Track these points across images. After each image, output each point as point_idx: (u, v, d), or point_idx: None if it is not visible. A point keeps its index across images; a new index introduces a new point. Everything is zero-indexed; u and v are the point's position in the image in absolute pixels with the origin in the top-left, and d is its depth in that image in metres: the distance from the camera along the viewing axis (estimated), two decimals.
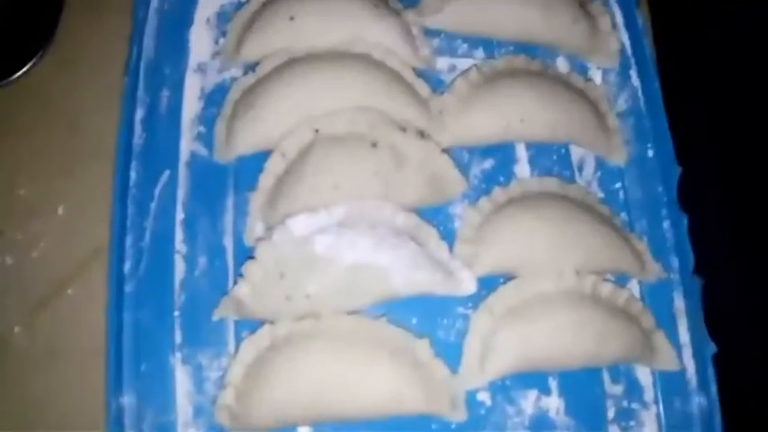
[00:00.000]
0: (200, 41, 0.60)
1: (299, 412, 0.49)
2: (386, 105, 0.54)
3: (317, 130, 0.53)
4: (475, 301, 0.53)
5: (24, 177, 0.57)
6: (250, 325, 0.51)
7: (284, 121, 0.54)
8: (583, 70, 0.62)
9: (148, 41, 0.58)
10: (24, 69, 0.59)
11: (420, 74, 0.58)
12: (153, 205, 0.55)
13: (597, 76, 0.62)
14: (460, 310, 0.54)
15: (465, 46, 0.62)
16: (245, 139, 0.55)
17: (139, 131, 0.56)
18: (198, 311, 0.52)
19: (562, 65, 0.62)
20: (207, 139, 0.57)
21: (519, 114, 0.56)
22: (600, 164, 0.60)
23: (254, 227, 0.54)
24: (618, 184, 0.59)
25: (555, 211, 0.54)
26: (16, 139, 0.58)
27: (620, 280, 0.55)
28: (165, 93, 0.58)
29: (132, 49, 0.58)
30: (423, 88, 0.57)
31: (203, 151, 0.57)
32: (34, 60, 0.59)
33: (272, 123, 0.54)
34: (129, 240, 0.53)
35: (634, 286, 0.56)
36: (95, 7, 0.62)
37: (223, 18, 0.61)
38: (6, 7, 0.60)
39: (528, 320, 0.51)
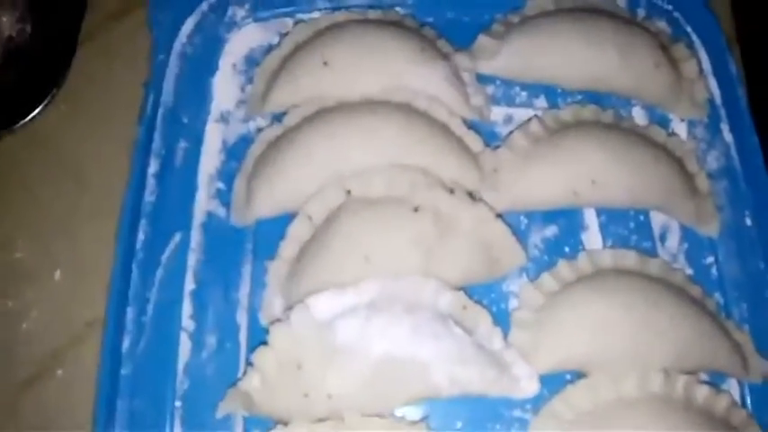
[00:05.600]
0: (225, 88, 0.56)
1: None
2: (430, 163, 0.48)
3: (348, 191, 0.48)
4: (535, 402, 0.46)
5: (24, 237, 0.53)
6: (263, 424, 0.45)
7: (312, 179, 0.49)
8: (664, 123, 0.55)
9: (168, 87, 0.54)
10: (32, 115, 0.55)
11: (471, 126, 0.52)
12: (159, 273, 0.50)
13: (682, 130, 0.55)
14: (517, 413, 0.46)
15: (524, 94, 0.56)
16: (267, 200, 0.50)
17: (152, 187, 0.52)
18: (202, 403, 0.46)
19: (639, 116, 0.55)
20: (225, 197, 0.52)
21: (589, 175, 0.49)
22: (687, 234, 0.52)
23: (272, 302, 0.47)
24: (710, 259, 0.52)
25: (635, 292, 0.46)
26: (19, 193, 0.54)
27: (716, 380, 0.47)
28: (183, 144, 0.53)
29: (149, 95, 0.53)
30: (474, 142, 0.51)
31: (221, 211, 0.52)
32: (42, 106, 0.55)
33: (297, 182, 0.49)
34: (129, 314, 0.48)
35: (733, 387, 0.48)
36: (108, 53, 0.58)
37: (251, 63, 0.57)
38: (16, 51, 0.57)
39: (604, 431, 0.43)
